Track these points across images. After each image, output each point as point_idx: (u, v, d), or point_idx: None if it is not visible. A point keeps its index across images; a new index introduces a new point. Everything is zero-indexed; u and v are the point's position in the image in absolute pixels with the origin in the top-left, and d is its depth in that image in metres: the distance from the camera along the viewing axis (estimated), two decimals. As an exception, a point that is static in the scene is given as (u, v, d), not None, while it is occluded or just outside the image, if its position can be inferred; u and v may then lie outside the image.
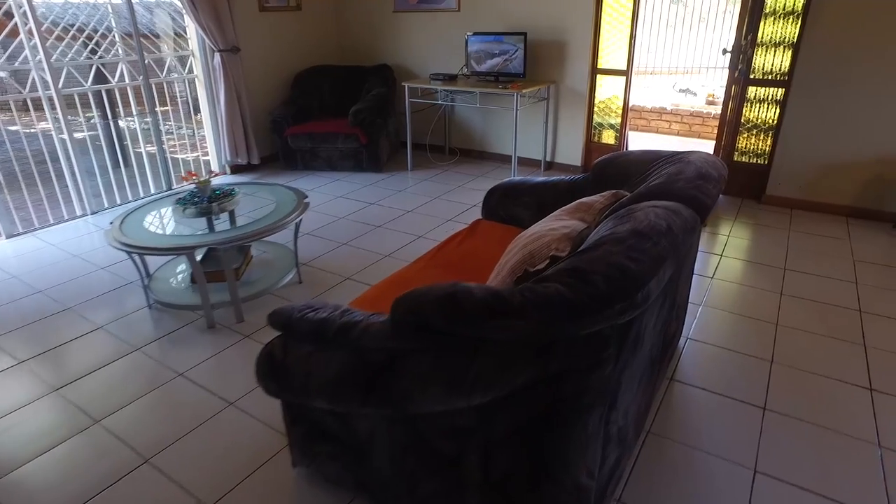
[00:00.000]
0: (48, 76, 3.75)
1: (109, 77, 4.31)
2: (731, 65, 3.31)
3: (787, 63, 3.85)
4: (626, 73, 4.41)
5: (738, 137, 4.17)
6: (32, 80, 3.74)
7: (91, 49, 4.21)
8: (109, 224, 2.72)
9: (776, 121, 4.00)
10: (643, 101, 6.56)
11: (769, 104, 4.02)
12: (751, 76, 3.99)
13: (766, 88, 3.98)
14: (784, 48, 3.85)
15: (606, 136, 4.69)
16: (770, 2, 3.79)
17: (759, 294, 2.83)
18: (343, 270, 3.16)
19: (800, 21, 3.73)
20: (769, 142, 4.08)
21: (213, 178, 2.91)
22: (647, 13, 10.59)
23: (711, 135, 5.97)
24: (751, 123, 4.11)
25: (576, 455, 1.21)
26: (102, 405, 2.13)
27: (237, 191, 2.96)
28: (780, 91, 3.93)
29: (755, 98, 4.05)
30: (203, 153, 5.27)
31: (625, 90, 4.47)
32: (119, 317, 2.75)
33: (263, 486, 1.76)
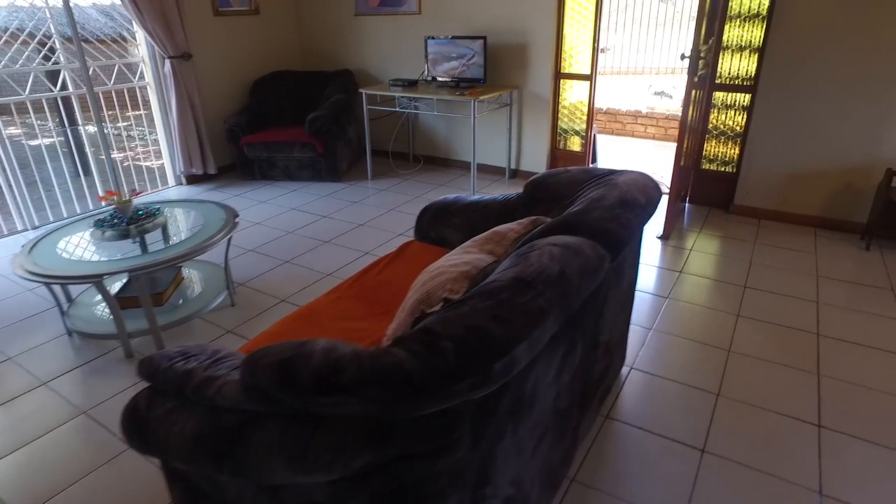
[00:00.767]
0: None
1: (51, 85, 4.13)
2: (690, 70, 3.15)
3: (754, 67, 3.70)
4: (590, 78, 4.25)
5: (706, 144, 4.02)
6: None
7: (44, 55, 4.04)
8: (21, 247, 2.55)
9: (743, 127, 3.85)
10: (618, 105, 6.40)
11: (736, 110, 3.87)
12: (717, 81, 3.84)
13: (733, 94, 3.83)
14: (749, 52, 3.70)
15: (573, 143, 4.53)
16: (734, 4, 3.64)
17: (715, 316, 2.67)
18: (279, 291, 2.99)
19: (764, 24, 3.57)
20: (737, 149, 3.93)
21: (148, 194, 2.74)
22: (637, 11, 10.46)
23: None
24: (718, 130, 3.96)
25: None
26: (-13, 452, 1.97)
27: (162, 210, 2.79)
28: (747, 96, 3.78)
29: (722, 103, 3.90)
30: (159, 163, 5.09)
31: (589, 95, 4.31)
32: (34, 346, 2.58)
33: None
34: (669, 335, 2.52)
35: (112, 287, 2.79)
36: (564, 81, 4.37)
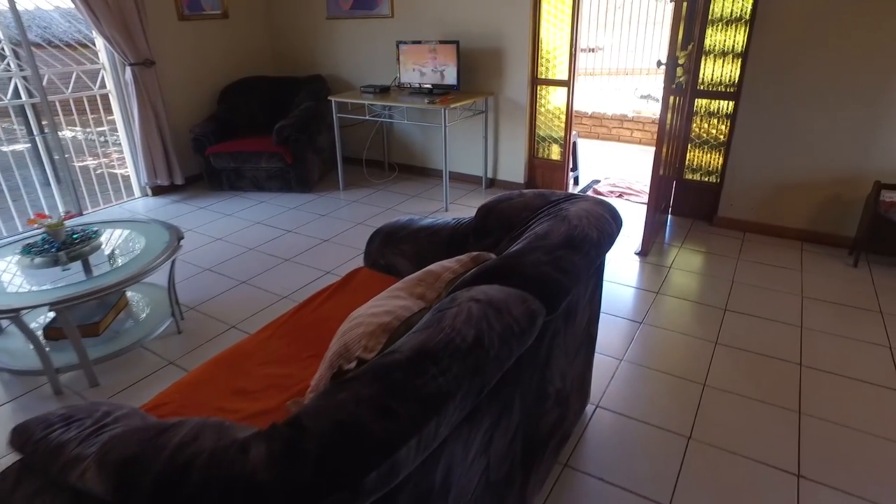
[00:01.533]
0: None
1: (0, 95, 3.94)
2: (667, 78, 2.97)
3: (737, 74, 3.52)
4: (568, 84, 4.06)
5: (689, 153, 3.84)
6: None
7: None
8: (-58, 276, 2.36)
9: (726, 136, 3.67)
10: (604, 108, 6.22)
11: (719, 118, 3.69)
12: (699, 87, 3.66)
13: (716, 101, 3.65)
14: (732, 58, 3.52)
15: (553, 151, 4.35)
16: (715, 8, 3.46)
17: (691, 344, 2.49)
18: (231, 316, 2.80)
19: (747, 29, 3.40)
20: (720, 159, 3.75)
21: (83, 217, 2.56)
22: (629, 11, 10.28)
23: (674, 144, 5.63)
24: (701, 139, 3.78)
25: None
26: None
27: (100, 233, 2.60)
28: (730, 104, 3.60)
29: (704, 111, 3.72)
30: (123, 173, 4.90)
31: (567, 101, 4.12)
32: (-43, 382, 2.39)
33: None
34: (641, 367, 2.34)
35: (44, 317, 2.60)
36: (542, 87, 4.18)
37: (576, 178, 4.69)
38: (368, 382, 0.88)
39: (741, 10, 3.40)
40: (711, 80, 3.62)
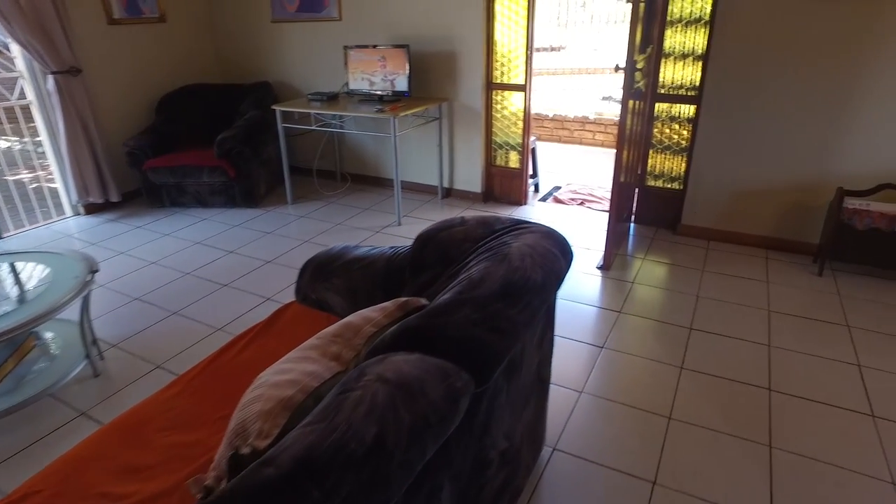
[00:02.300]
0: None
1: None
2: (626, 83, 2.81)
3: (698, 77, 3.39)
4: (524, 88, 3.89)
5: (652, 159, 3.70)
6: None
7: None
8: None
9: (689, 141, 3.54)
10: (566, 111, 6.08)
11: (681, 122, 3.56)
12: (659, 91, 3.52)
13: (677, 105, 3.52)
14: (693, 60, 3.39)
15: (512, 158, 4.17)
16: (674, 8, 3.32)
17: (656, 371, 2.33)
18: (157, 354, 2.54)
19: (707, 30, 3.27)
20: (683, 165, 3.62)
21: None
22: (595, 9, 10.20)
23: (636, 146, 5.52)
24: (663, 144, 3.65)
25: None
26: None
27: (-1, 267, 2.31)
28: (692, 108, 3.47)
29: (666, 115, 3.59)
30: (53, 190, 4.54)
31: (524, 107, 3.95)
32: None
33: None
34: (602, 399, 2.16)
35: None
36: (497, 92, 4.00)
37: (536, 186, 4.53)
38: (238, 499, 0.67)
39: (700, 11, 3.27)
40: (672, 84, 3.48)
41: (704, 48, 3.30)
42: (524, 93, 3.89)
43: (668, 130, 3.60)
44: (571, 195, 4.38)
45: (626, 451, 1.91)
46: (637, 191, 3.79)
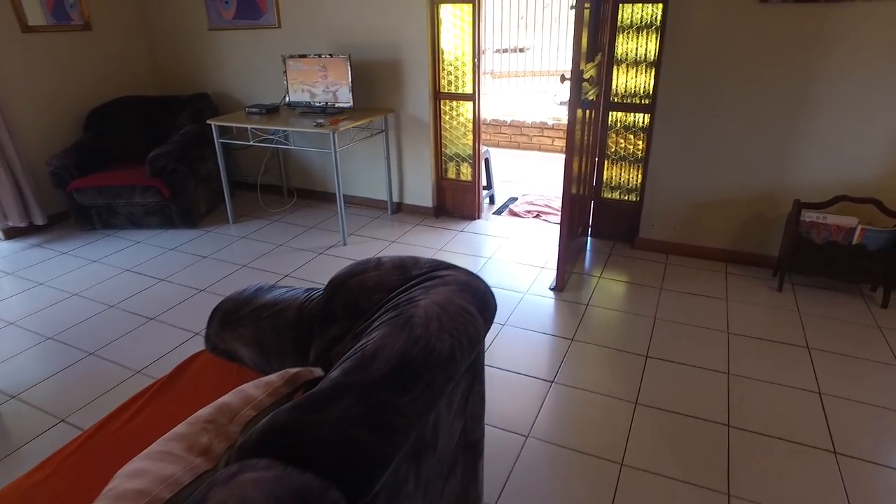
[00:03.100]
0: None
1: None
2: (573, 95, 2.65)
3: (651, 84, 3.26)
4: (473, 98, 3.71)
5: (608, 171, 3.56)
6: None
7: None
8: None
9: (644, 151, 3.41)
10: (523, 116, 5.93)
11: (635, 132, 3.42)
12: (612, 99, 3.38)
13: (630, 114, 3.38)
14: (645, 67, 3.25)
15: (464, 170, 3.98)
16: (624, 14, 3.18)
17: (609, 407, 2.17)
18: (65, 405, 2.27)
19: (658, 36, 3.13)
20: (639, 176, 3.48)
21: None
22: (556, 10, 10.10)
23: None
24: (617, 154, 3.51)
25: None
26: None
27: None
28: (646, 117, 3.34)
29: (620, 125, 3.44)
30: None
31: (474, 116, 3.77)
32: None
33: None
34: (550, 445, 1.99)
35: None
36: (445, 102, 3.81)
37: (491, 197, 4.36)
38: None
39: (651, 17, 3.13)
40: (625, 92, 3.34)
41: (656, 55, 3.17)
42: (473, 102, 3.71)
43: (623, 141, 3.46)
44: (527, 207, 4.22)
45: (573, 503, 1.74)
46: (593, 203, 3.64)
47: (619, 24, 3.21)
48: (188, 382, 1.69)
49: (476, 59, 3.59)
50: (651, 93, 3.26)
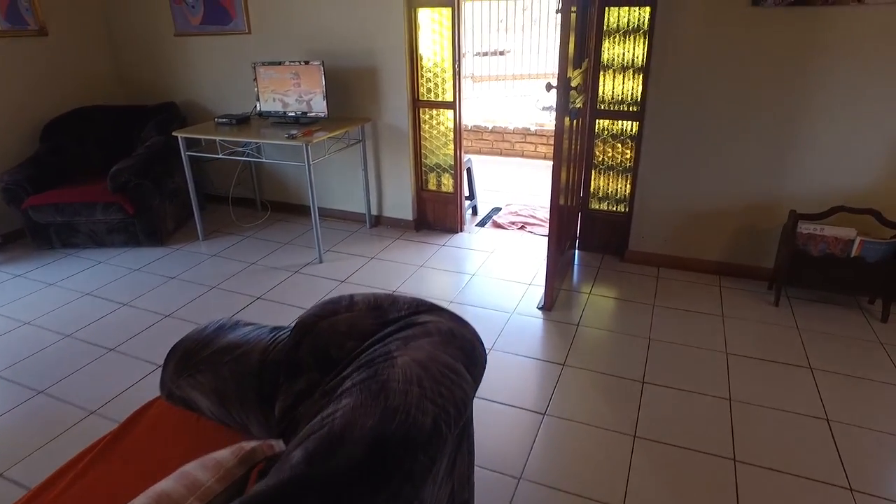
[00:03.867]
0: None
1: None
2: (560, 104, 2.50)
3: (639, 91, 3.13)
4: (454, 106, 3.54)
5: (595, 181, 3.42)
6: None
7: None
8: None
9: (633, 161, 3.27)
10: (506, 122, 5.78)
11: (623, 140, 3.29)
12: (599, 106, 3.24)
13: (619, 122, 3.24)
14: (633, 73, 3.12)
15: (445, 181, 3.81)
16: (611, 18, 3.05)
17: (606, 442, 2.01)
18: (6, 455, 2.05)
19: (646, 40, 3.00)
20: (629, 186, 3.35)
21: None
22: (536, 12, 10.00)
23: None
24: (605, 164, 3.37)
25: None
26: None
27: None
28: (634, 124, 3.21)
29: (607, 133, 3.31)
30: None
31: (455, 124, 3.60)
32: None
33: None
34: (545, 488, 1.83)
35: None
36: (425, 111, 3.64)
37: (474, 208, 4.20)
38: None
39: (638, 21, 3.00)
40: (613, 99, 3.20)
41: (644, 60, 3.04)
42: (454, 110, 3.55)
43: (611, 150, 3.32)
44: (512, 218, 4.07)
45: (573, 563, 1.58)
46: (580, 215, 3.50)
47: (606, 28, 3.08)
48: (140, 437, 1.50)
49: (456, 65, 3.43)
50: (639, 99, 3.13)
